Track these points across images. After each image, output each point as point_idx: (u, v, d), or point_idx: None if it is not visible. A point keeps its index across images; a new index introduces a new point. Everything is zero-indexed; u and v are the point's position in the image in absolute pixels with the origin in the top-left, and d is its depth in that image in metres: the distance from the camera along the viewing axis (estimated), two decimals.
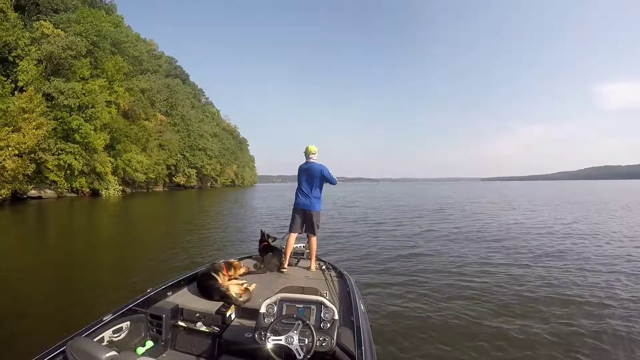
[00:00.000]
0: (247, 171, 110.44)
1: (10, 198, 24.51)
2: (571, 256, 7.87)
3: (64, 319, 4.15)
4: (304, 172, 4.30)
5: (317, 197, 4.29)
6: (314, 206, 4.26)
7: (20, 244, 10.29)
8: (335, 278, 3.62)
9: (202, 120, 74.78)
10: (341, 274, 3.71)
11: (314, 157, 4.31)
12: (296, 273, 3.90)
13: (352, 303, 2.77)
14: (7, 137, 22.55)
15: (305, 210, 4.28)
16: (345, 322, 2.44)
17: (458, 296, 5.27)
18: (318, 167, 4.23)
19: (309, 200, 4.26)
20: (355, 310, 2.58)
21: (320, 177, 4.22)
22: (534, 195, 37.57)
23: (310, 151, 4.29)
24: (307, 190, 4.27)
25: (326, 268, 3.98)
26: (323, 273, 3.82)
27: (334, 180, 4.30)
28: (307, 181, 4.27)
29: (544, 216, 16.59)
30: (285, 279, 3.68)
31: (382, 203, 27.39)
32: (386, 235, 11.20)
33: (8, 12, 26.19)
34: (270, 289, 3.11)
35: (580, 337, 3.93)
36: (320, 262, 4.16)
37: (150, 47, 59.61)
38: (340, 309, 2.63)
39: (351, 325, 2.37)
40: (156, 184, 53.07)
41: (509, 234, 11.23)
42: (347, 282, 3.35)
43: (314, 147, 4.31)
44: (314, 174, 4.22)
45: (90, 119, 33.37)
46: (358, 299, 2.87)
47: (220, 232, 12.03)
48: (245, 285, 3.13)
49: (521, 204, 24.48)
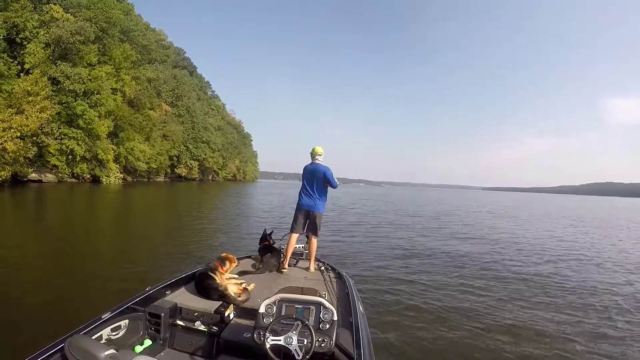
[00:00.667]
0: (250, 166, 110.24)
1: (10, 180, 24.52)
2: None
3: (56, 311, 4.07)
4: (309, 172, 4.29)
5: (320, 197, 4.28)
6: (318, 207, 4.26)
7: (17, 229, 10.11)
8: (334, 279, 3.64)
9: (207, 112, 74.65)
10: (340, 275, 3.74)
11: (320, 159, 4.31)
12: (295, 273, 3.92)
13: (351, 304, 2.78)
14: (10, 119, 22.48)
15: (309, 211, 4.27)
16: (344, 323, 2.43)
17: (458, 297, 5.30)
18: (322, 168, 4.23)
19: (313, 201, 4.25)
20: (354, 311, 2.59)
21: (326, 175, 4.20)
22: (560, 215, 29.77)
23: (316, 152, 4.29)
24: (312, 191, 4.26)
25: (325, 269, 3.99)
26: (322, 274, 3.82)
27: (335, 184, 4.29)
28: (312, 182, 4.26)
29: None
30: (284, 279, 3.68)
31: (395, 210, 26.61)
32: (385, 238, 11.14)
33: None
34: (269, 289, 3.12)
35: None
36: (319, 263, 4.16)
37: (159, 37, 59.53)
38: (339, 310, 2.59)
39: (350, 326, 2.37)
40: (157, 174, 53.02)
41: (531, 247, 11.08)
42: (346, 283, 3.37)
43: (320, 149, 4.32)
44: (318, 175, 4.22)
45: (95, 105, 33.26)
46: (357, 300, 2.89)
47: (219, 226, 11.91)
48: (244, 285, 3.13)
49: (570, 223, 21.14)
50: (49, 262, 6.53)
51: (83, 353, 1.56)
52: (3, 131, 22.09)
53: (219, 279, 2.97)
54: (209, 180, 74.58)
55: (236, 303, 2.76)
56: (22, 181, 25.97)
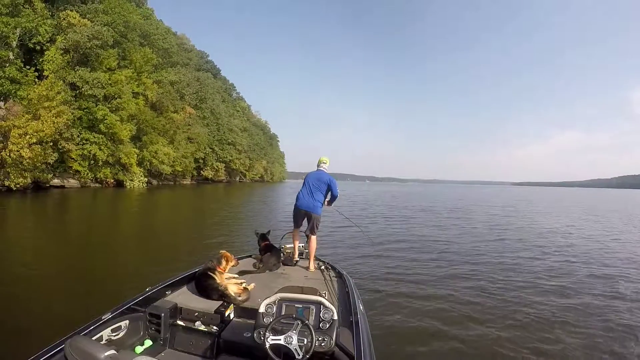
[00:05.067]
0: (277, 167, 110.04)
1: (32, 186, 24.66)
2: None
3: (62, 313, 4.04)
4: (313, 176, 4.50)
5: (320, 201, 4.42)
6: (316, 209, 4.38)
7: (36, 232, 10.31)
8: (334, 278, 3.65)
9: (232, 114, 74.82)
10: (340, 274, 3.72)
11: (325, 167, 4.58)
12: (295, 273, 3.91)
13: (351, 303, 2.77)
14: (26, 124, 22.37)
15: (307, 212, 4.38)
16: (344, 322, 2.44)
17: (459, 298, 5.27)
18: (327, 175, 4.49)
19: (311, 203, 4.36)
20: (354, 310, 2.57)
21: (327, 184, 4.43)
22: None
23: (321, 160, 4.60)
24: (311, 193, 4.39)
25: (325, 268, 4.00)
26: (322, 273, 3.84)
27: (336, 194, 4.53)
28: (314, 185, 4.43)
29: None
30: (284, 278, 3.67)
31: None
32: (387, 234, 11.25)
33: (35, 2, 26.26)
34: (269, 288, 3.10)
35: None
36: (319, 262, 4.17)
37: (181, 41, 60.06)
38: (339, 309, 2.61)
39: (350, 325, 2.36)
40: (184, 177, 53.35)
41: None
42: (346, 283, 3.35)
43: (327, 158, 4.63)
44: (322, 180, 4.44)
45: (116, 109, 33.32)
46: (357, 299, 2.88)
47: (242, 230, 11.40)
48: (244, 285, 3.15)
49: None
50: (61, 264, 6.63)
51: (83, 354, 1.53)
52: (19, 137, 21.98)
53: (218, 278, 2.98)
54: (236, 181, 74.74)
55: (236, 303, 2.77)
56: (44, 187, 26.12)
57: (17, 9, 22.57)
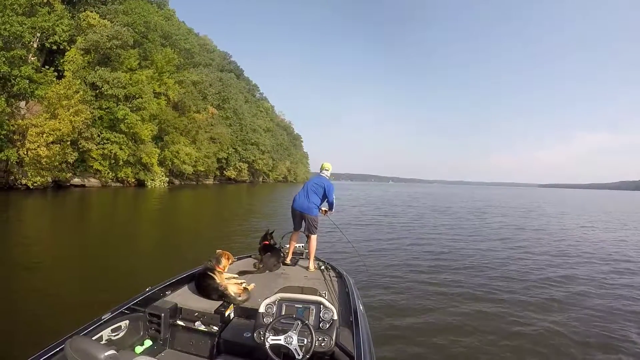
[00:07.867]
0: (301, 167, 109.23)
1: (52, 185, 24.76)
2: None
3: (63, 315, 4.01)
4: (312, 180, 4.71)
5: (315, 203, 4.51)
6: (311, 210, 4.45)
7: (55, 230, 10.60)
8: (334, 278, 3.64)
9: (255, 114, 74.62)
10: (340, 274, 3.71)
11: (326, 173, 4.73)
12: (295, 273, 3.88)
13: (351, 303, 2.75)
14: (43, 123, 22.32)
15: (303, 213, 4.46)
16: (344, 322, 2.44)
17: (459, 298, 5.22)
18: (326, 181, 4.63)
19: (306, 204, 4.45)
20: (354, 310, 2.56)
21: (325, 189, 4.54)
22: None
23: (324, 167, 4.78)
24: (307, 195, 4.48)
25: (325, 268, 3.99)
26: (322, 273, 3.84)
27: (332, 199, 4.61)
28: (312, 188, 4.55)
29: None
30: (284, 278, 3.65)
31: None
32: (389, 236, 11.08)
33: (55, 3, 26.50)
34: (269, 288, 3.09)
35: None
36: (319, 262, 4.17)
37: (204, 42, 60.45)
38: (339, 309, 2.61)
39: (350, 325, 2.36)
40: (206, 177, 53.35)
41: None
42: (346, 283, 3.33)
43: (329, 165, 4.78)
44: (319, 184, 4.59)
45: (137, 109, 33.32)
46: (357, 300, 2.86)
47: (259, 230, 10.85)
48: (244, 285, 3.13)
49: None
50: (73, 262, 6.60)
51: (83, 354, 1.53)
52: (36, 136, 21.93)
53: (218, 278, 2.95)
54: (259, 182, 74.41)
55: (236, 303, 2.76)
56: (64, 186, 26.22)
57: (33, 8, 22.53)
